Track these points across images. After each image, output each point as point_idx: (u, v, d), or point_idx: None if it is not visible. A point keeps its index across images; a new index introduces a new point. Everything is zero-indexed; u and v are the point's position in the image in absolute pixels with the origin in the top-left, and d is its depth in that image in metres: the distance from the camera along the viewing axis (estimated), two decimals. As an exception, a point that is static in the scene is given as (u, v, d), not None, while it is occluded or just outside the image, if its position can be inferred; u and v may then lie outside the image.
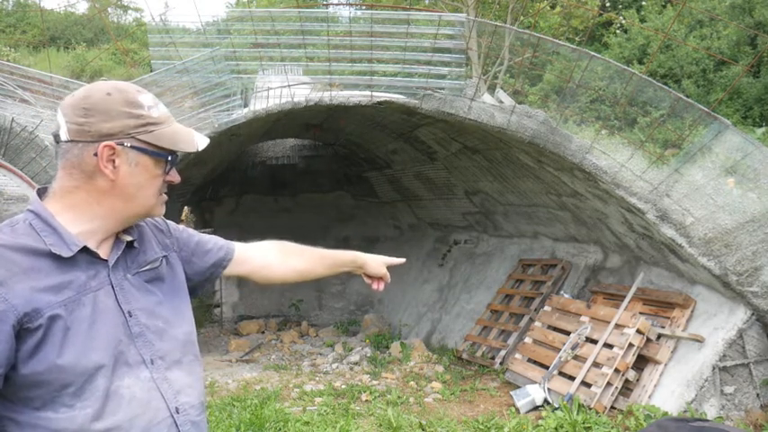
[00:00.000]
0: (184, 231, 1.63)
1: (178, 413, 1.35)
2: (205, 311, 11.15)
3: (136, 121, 1.28)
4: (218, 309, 11.18)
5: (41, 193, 1.34)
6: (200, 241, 1.64)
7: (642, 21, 17.78)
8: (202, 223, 11.66)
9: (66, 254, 1.24)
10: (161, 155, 1.33)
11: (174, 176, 1.39)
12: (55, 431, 1.19)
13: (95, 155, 1.26)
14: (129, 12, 30.67)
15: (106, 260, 1.32)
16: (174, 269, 1.50)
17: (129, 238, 1.39)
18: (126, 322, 1.30)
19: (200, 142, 1.39)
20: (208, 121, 5.84)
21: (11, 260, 1.19)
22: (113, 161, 1.27)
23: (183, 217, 11.54)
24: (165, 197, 1.40)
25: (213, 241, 1.68)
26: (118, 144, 1.27)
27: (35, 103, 6.02)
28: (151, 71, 6.04)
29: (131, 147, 1.28)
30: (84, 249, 1.28)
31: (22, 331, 1.17)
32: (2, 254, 1.20)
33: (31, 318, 1.17)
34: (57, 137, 1.29)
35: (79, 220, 1.29)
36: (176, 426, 1.34)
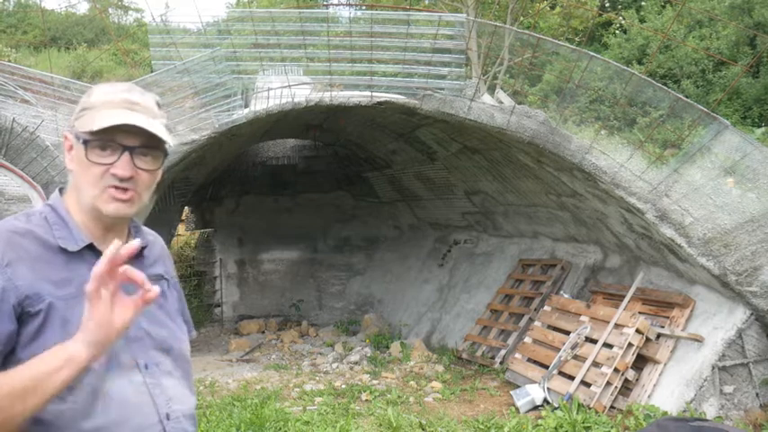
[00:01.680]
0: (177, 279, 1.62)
1: (168, 420, 1.33)
2: (205, 311, 11.16)
3: (77, 108, 1.31)
4: (218, 308, 11.19)
5: (62, 190, 1.39)
6: (185, 304, 1.61)
7: (642, 21, 17.79)
8: (203, 223, 11.68)
9: (72, 248, 1.27)
10: (82, 138, 1.27)
11: (117, 168, 1.27)
12: (42, 421, 1.18)
13: None
14: (130, 12, 30.70)
15: None
16: (173, 295, 1.50)
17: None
18: None
19: (103, 122, 1.24)
20: (208, 121, 5.85)
21: (20, 245, 1.23)
22: (71, 150, 1.32)
23: (183, 217, 11.54)
24: (114, 192, 1.27)
25: (188, 313, 1.63)
26: (70, 133, 1.32)
27: (36, 104, 6.03)
28: (152, 71, 6.05)
29: (74, 134, 1.31)
30: (91, 247, 1.30)
31: (23, 315, 1.19)
32: (13, 239, 1.23)
33: (33, 301, 1.19)
34: None
35: (79, 217, 1.33)
36: None
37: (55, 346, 1.15)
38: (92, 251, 1.30)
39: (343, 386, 6.52)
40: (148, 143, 1.30)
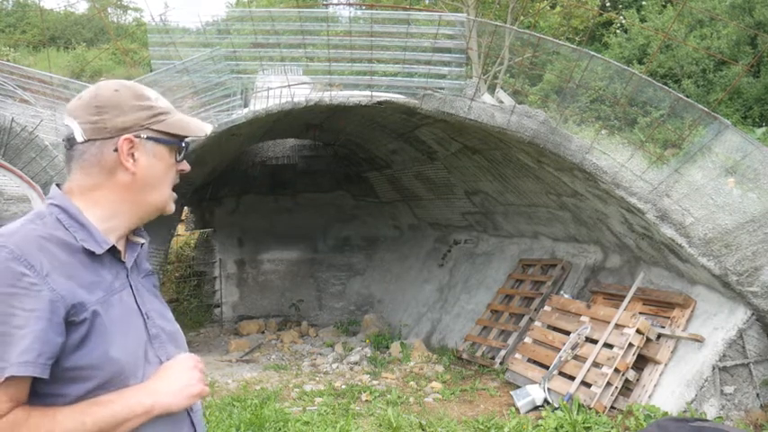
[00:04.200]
0: None
1: (193, 411, 1.39)
2: (205, 311, 11.14)
3: (147, 112, 1.32)
4: (218, 309, 11.18)
5: (59, 186, 1.34)
6: None
7: (642, 21, 17.78)
8: (203, 223, 11.66)
9: (97, 250, 1.25)
10: (174, 142, 1.36)
11: (185, 165, 1.42)
12: None
13: (115, 150, 1.28)
14: (129, 12, 30.70)
15: (123, 262, 1.34)
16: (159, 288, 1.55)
17: (142, 241, 1.41)
18: (145, 323, 1.33)
19: (206, 127, 1.43)
20: (208, 120, 5.84)
21: (51, 252, 1.18)
22: (133, 154, 1.30)
23: (182, 217, 11.53)
24: (174, 194, 1.41)
25: None
26: (135, 137, 1.30)
27: (35, 103, 6.01)
28: (151, 71, 6.04)
29: (148, 138, 1.31)
30: (111, 249, 1.29)
31: (68, 324, 1.16)
32: (42, 244, 1.18)
33: (78, 311, 1.17)
34: (71, 140, 1.29)
35: (103, 217, 1.30)
36: (192, 424, 1.39)
37: (135, 389, 1.24)
38: (109, 253, 1.29)
39: (343, 386, 6.51)
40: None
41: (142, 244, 1.42)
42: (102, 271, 1.27)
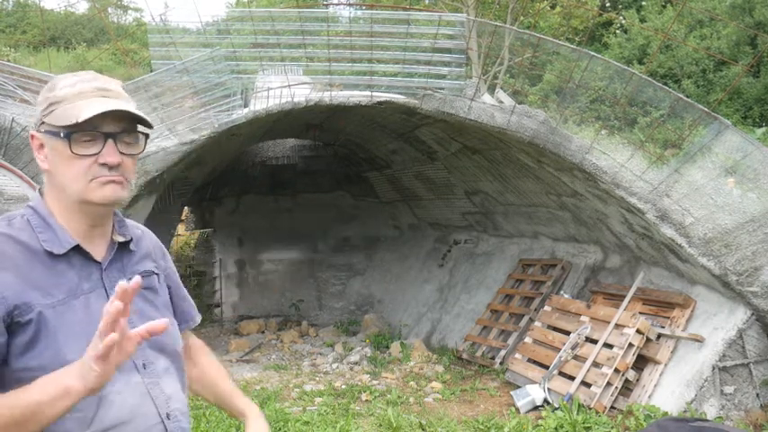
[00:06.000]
0: (174, 270, 1.60)
1: (169, 419, 1.32)
2: (205, 311, 11.14)
3: (43, 105, 1.27)
4: (218, 309, 11.18)
5: (42, 192, 1.34)
6: (183, 294, 1.62)
7: (642, 21, 17.78)
8: (202, 223, 11.66)
9: (57, 250, 1.24)
10: (58, 133, 1.24)
11: (106, 156, 1.25)
12: None
13: None
14: (129, 12, 30.69)
15: (100, 262, 1.31)
16: (164, 289, 1.48)
17: (121, 239, 1.37)
18: None
19: (89, 112, 1.21)
20: (208, 121, 5.84)
21: (3, 252, 1.18)
22: (42, 150, 1.28)
23: (182, 217, 11.53)
24: (105, 179, 1.25)
25: (190, 300, 1.65)
26: (38, 132, 1.27)
27: (35, 103, 6.01)
28: (151, 71, 6.04)
29: (45, 132, 1.26)
30: (78, 249, 1.27)
31: (13, 325, 1.15)
32: None
33: (22, 311, 1.15)
34: None
35: (61, 217, 1.29)
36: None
37: (54, 374, 1.12)
38: (78, 253, 1.27)
39: (343, 386, 6.51)
40: (129, 128, 1.28)
41: (128, 242, 1.37)
42: (69, 272, 1.24)
